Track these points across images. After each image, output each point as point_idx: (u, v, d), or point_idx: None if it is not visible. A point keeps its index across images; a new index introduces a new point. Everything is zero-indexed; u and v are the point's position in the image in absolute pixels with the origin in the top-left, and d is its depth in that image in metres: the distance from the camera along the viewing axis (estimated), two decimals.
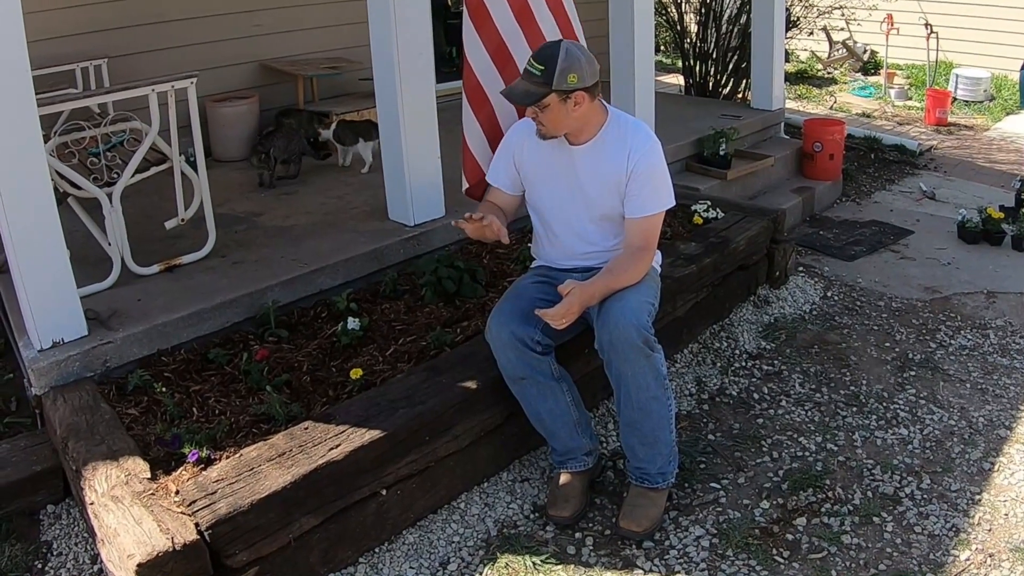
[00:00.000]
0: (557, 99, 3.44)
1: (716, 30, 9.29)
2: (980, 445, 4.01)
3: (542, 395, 3.58)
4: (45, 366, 3.76)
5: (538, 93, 3.43)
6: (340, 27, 7.55)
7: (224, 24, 7.01)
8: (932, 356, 4.79)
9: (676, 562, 3.36)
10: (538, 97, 3.44)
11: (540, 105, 3.46)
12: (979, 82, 11.02)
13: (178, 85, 4.37)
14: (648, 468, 3.55)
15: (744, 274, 5.23)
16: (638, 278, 3.56)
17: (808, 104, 11.20)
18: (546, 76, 3.41)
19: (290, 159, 6.21)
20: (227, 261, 4.72)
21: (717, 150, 6.81)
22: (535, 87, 3.44)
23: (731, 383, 4.55)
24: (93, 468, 3.18)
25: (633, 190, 3.60)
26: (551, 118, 3.50)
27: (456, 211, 5.13)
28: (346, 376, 3.80)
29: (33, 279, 3.73)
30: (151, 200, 5.28)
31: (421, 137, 4.98)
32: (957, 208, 6.96)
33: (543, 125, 3.54)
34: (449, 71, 8.90)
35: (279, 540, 3.05)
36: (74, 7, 6.23)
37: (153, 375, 3.86)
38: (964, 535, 3.45)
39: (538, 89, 3.43)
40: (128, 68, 6.25)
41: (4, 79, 3.45)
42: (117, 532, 2.84)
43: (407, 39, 4.77)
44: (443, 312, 4.38)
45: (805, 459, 3.93)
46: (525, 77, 3.49)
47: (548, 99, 3.43)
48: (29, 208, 3.64)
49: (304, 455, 3.15)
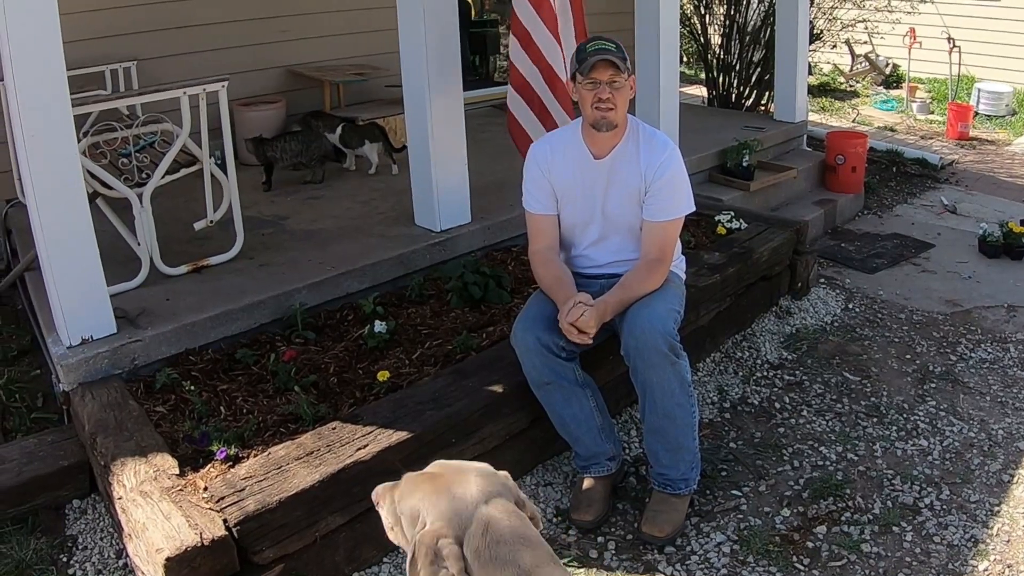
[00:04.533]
0: (628, 76, 3.52)
1: (740, 42, 9.30)
2: (999, 457, 4.01)
3: (566, 400, 3.60)
4: (74, 363, 3.80)
5: (624, 64, 3.50)
6: (366, 34, 7.60)
7: (251, 29, 7.08)
8: (952, 369, 4.79)
9: (697, 568, 3.38)
10: (626, 66, 3.50)
11: (618, 83, 3.50)
12: (1001, 96, 11.00)
13: (209, 88, 4.41)
14: (671, 474, 3.57)
15: (766, 284, 5.26)
16: (652, 289, 3.59)
17: (830, 117, 11.20)
18: (620, 52, 3.48)
19: (309, 163, 6.25)
20: (254, 263, 4.76)
21: (740, 161, 6.83)
22: (618, 59, 3.49)
23: (753, 392, 4.57)
24: (122, 464, 3.22)
25: (652, 196, 3.63)
26: (622, 99, 3.55)
27: (482, 218, 5.19)
28: (373, 378, 3.83)
29: (64, 277, 3.78)
30: (180, 201, 5.33)
31: (449, 144, 5.02)
32: (978, 222, 6.95)
33: (612, 108, 3.54)
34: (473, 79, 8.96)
35: (305, 538, 3.08)
36: (105, 10, 6.30)
37: (181, 374, 3.90)
38: (983, 546, 3.45)
39: (621, 61, 3.49)
40: (156, 71, 6.33)
41: (40, 80, 3.52)
42: (146, 527, 2.87)
43: (437, 47, 4.82)
44: (469, 317, 4.41)
45: (826, 468, 3.95)
46: (602, 53, 3.49)
47: (626, 73, 3.51)
48: (61, 207, 3.69)
49: (332, 455, 3.18)
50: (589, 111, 3.58)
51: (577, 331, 3.42)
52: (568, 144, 3.74)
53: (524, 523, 1.93)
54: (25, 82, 3.48)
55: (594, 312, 3.43)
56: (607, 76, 3.50)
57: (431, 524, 1.91)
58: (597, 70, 3.49)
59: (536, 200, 3.79)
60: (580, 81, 3.56)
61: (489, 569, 1.85)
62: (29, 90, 3.50)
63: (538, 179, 3.77)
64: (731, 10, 9.31)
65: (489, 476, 2.01)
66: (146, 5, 6.54)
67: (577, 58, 3.59)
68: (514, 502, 1.99)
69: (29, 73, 3.49)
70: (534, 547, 1.88)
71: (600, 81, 3.50)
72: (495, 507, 1.92)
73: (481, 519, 1.89)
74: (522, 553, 1.85)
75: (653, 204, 3.63)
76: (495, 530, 1.87)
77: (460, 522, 1.89)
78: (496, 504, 1.92)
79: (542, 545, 1.91)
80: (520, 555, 1.85)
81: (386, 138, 6.52)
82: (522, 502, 2.02)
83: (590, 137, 3.68)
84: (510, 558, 1.84)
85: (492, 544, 1.86)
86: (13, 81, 3.46)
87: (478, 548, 1.86)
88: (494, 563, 1.85)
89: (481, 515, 1.89)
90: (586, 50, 3.53)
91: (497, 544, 1.86)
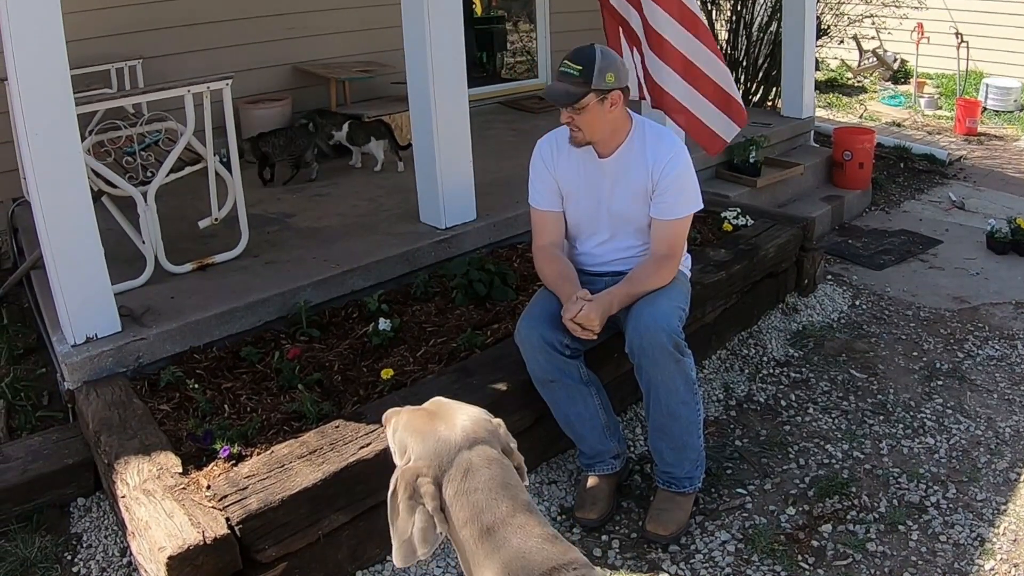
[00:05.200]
0: (595, 99, 3.45)
1: (747, 38, 9.29)
2: (1007, 455, 4.00)
3: (571, 398, 3.60)
4: (78, 361, 3.80)
5: (578, 93, 3.44)
6: (372, 31, 7.60)
7: (257, 27, 7.08)
8: (960, 366, 4.78)
9: (702, 566, 3.37)
10: (578, 97, 3.44)
11: (577, 108, 3.46)
12: (1010, 92, 10.94)
13: (213, 86, 4.41)
14: (676, 472, 3.56)
15: (773, 281, 5.24)
16: (660, 285, 3.58)
17: (838, 113, 11.16)
18: (584, 75, 3.42)
19: (294, 160, 6.25)
20: (259, 261, 4.76)
21: (747, 157, 6.81)
22: (574, 87, 3.45)
23: (759, 390, 4.56)
24: (125, 462, 3.22)
25: (660, 195, 3.62)
26: (588, 121, 3.50)
27: (488, 215, 5.18)
28: (377, 376, 3.83)
29: (68, 275, 3.79)
30: (185, 199, 5.33)
31: (454, 141, 5.01)
32: (986, 218, 6.92)
33: (578, 130, 3.53)
34: (480, 76, 8.94)
35: (308, 536, 3.08)
36: (109, 8, 6.31)
37: (185, 372, 3.90)
38: (989, 545, 3.44)
39: (577, 89, 3.44)
40: (162, 69, 6.32)
41: (44, 79, 3.52)
42: (149, 525, 2.87)
43: (441, 43, 4.80)
44: (474, 314, 4.41)
45: (831, 466, 3.93)
46: (561, 79, 3.48)
47: (587, 99, 3.43)
48: (66, 205, 3.70)
49: (335, 453, 3.18)
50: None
51: (581, 328, 3.42)
52: None
53: (506, 471, 2.00)
54: (28, 81, 3.49)
55: (596, 306, 3.42)
56: (564, 116, 3.53)
57: (414, 461, 2.01)
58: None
59: (541, 196, 3.78)
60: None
61: (464, 513, 1.92)
62: (33, 89, 3.50)
63: (543, 176, 3.77)
64: (738, 6, 9.29)
65: (479, 422, 2.07)
66: (152, 3, 6.55)
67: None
68: (501, 450, 2.05)
69: (32, 72, 3.49)
70: (512, 496, 1.95)
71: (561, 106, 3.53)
72: (477, 453, 1.99)
73: (462, 463, 1.96)
74: (498, 501, 1.92)
75: (661, 202, 3.62)
76: (473, 476, 1.95)
77: (440, 463, 1.98)
78: (479, 450, 1.99)
79: (520, 495, 1.97)
80: (496, 503, 1.92)
81: (392, 135, 6.52)
82: (510, 451, 2.09)
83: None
84: (485, 505, 1.92)
85: (470, 490, 1.93)
86: (17, 80, 3.46)
87: (456, 492, 1.94)
88: (470, 508, 1.92)
89: (462, 459, 1.97)
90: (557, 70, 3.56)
91: (475, 491, 1.93)
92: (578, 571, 1.87)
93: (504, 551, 1.88)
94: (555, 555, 1.88)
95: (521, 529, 1.91)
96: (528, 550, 1.88)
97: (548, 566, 1.85)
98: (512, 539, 1.89)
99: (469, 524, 1.92)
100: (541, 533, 1.92)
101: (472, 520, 1.92)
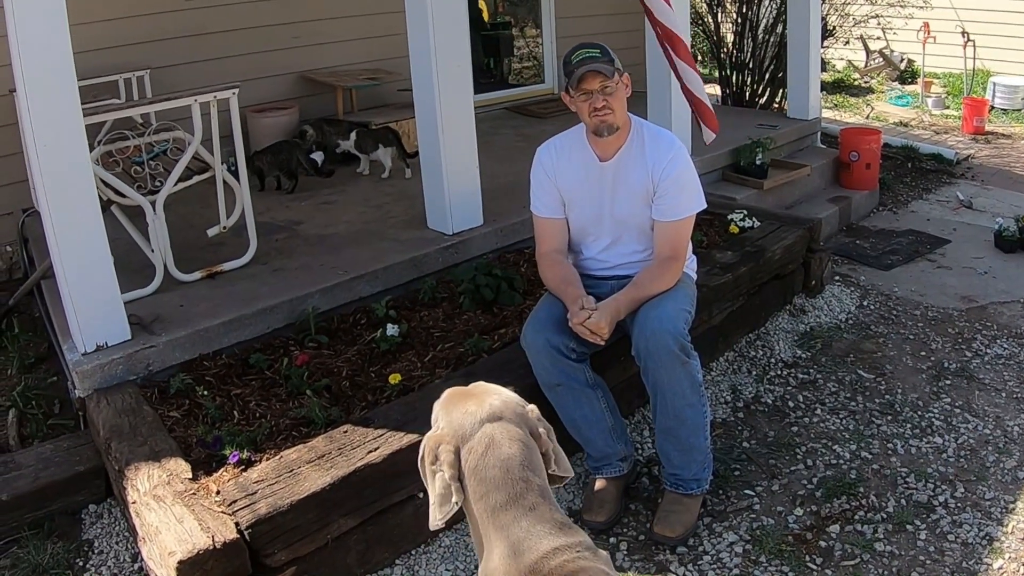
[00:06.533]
0: (619, 78, 3.51)
1: (752, 40, 9.29)
2: (1015, 454, 3.99)
3: (577, 402, 3.60)
4: (89, 369, 3.83)
5: (612, 68, 3.48)
6: (378, 39, 7.64)
7: (264, 36, 7.12)
8: (968, 365, 4.77)
9: (709, 568, 3.38)
10: (615, 69, 3.49)
11: (609, 88, 3.49)
12: (1017, 90, 10.92)
13: (220, 95, 4.44)
14: (683, 474, 3.57)
15: (780, 283, 5.24)
16: (666, 288, 3.59)
17: (845, 113, 11.16)
18: (605, 55, 3.48)
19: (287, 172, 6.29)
20: (268, 268, 4.79)
21: (753, 159, 6.82)
22: (606, 64, 3.47)
23: (766, 391, 4.56)
24: (136, 468, 3.24)
25: (661, 196, 3.63)
26: (618, 100, 3.53)
27: (494, 221, 5.20)
28: (385, 381, 3.85)
29: (78, 284, 3.82)
30: (193, 208, 5.37)
31: (459, 147, 5.04)
32: (994, 217, 6.90)
33: (610, 111, 3.53)
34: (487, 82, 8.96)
35: (317, 540, 3.10)
36: (119, 19, 6.35)
37: (195, 379, 3.93)
38: (998, 544, 3.44)
39: (610, 66, 3.48)
40: (170, 79, 6.35)
41: (52, 90, 3.55)
42: (159, 530, 2.89)
43: (445, 50, 4.82)
44: (481, 319, 4.42)
45: (839, 467, 3.94)
46: (587, 62, 3.48)
47: (620, 76, 3.50)
48: (75, 215, 3.73)
49: (343, 457, 3.20)
50: (588, 120, 3.58)
51: (590, 331, 3.43)
52: (574, 147, 3.74)
53: (528, 453, 2.07)
54: (37, 92, 3.52)
55: (604, 313, 3.43)
56: (597, 85, 3.50)
57: (440, 429, 2.13)
58: (586, 81, 3.50)
59: (543, 204, 3.79)
60: (573, 95, 3.57)
61: (480, 487, 2.01)
62: (41, 100, 3.53)
63: (544, 183, 3.78)
64: (744, 8, 9.30)
65: (508, 403, 2.15)
66: (159, 14, 6.59)
67: (565, 71, 3.60)
68: (528, 432, 2.11)
69: (41, 83, 3.52)
70: (526, 479, 2.02)
71: (592, 91, 3.51)
72: (500, 429, 2.06)
73: (484, 436, 2.05)
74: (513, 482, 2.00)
75: (662, 204, 3.63)
76: (493, 451, 2.02)
77: (462, 434, 2.07)
78: (501, 426, 2.07)
79: (535, 479, 2.04)
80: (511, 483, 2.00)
81: (399, 142, 6.54)
82: (538, 435, 2.14)
83: (594, 140, 3.67)
84: (501, 482, 2.00)
85: (488, 466, 2.01)
86: (25, 92, 3.50)
87: (476, 465, 2.02)
88: (486, 484, 2.00)
89: (484, 432, 2.05)
90: (572, 62, 3.54)
91: (492, 467, 2.01)
92: (580, 552, 1.92)
93: (513, 530, 1.94)
94: (561, 538, 1.93)
95: (532, 511, 1.96)
96: (536, 533, 1.93)
97: (552, 547, 1.90)
98: (522, 520, 1.95)
99: (484, 499, 1.99)
100: (551, 518, 1.97)
101: (486, 495, 1.99)
